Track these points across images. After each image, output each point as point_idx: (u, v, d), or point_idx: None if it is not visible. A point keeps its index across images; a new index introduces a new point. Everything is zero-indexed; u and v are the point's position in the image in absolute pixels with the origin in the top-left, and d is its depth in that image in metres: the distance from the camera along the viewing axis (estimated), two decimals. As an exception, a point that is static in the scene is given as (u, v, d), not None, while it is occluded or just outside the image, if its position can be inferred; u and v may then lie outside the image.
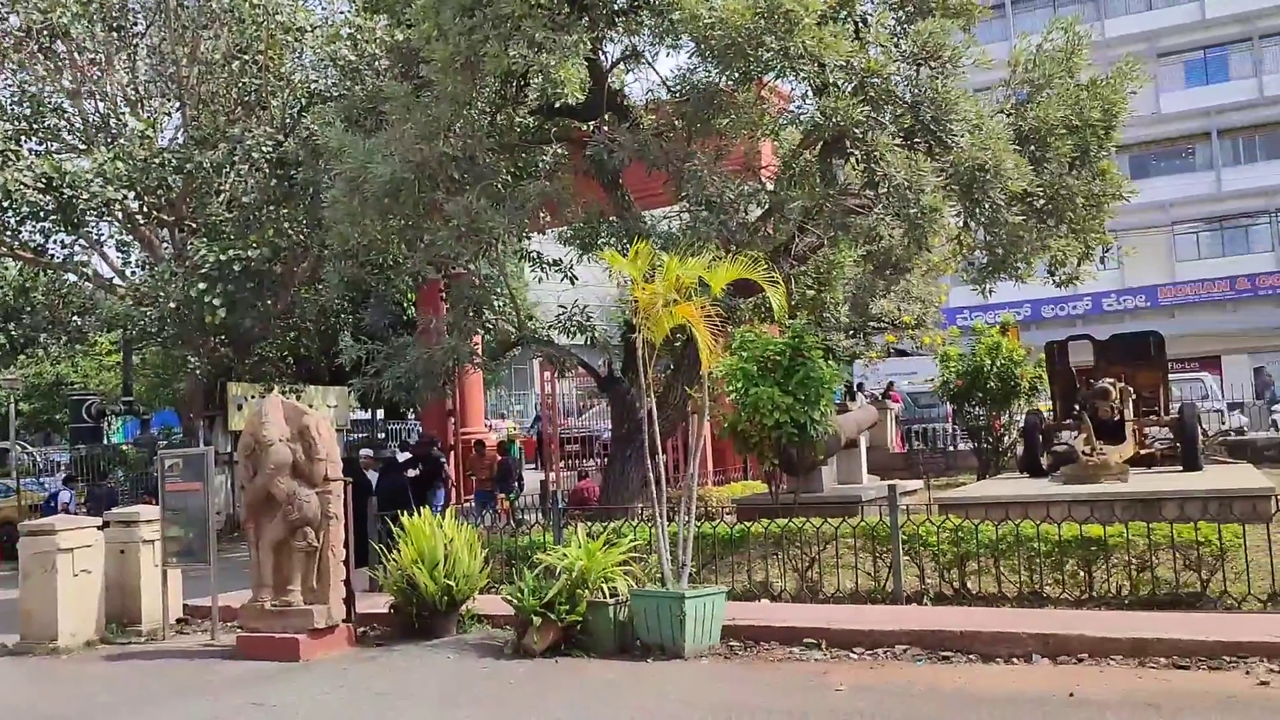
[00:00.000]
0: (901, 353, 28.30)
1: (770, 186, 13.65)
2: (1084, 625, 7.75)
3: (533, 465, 25.66)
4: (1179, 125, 45.26)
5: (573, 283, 14.83)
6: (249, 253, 16.39)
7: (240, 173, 17.30)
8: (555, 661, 8.23)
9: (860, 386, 25.15)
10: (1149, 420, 14.84)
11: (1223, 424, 22.35)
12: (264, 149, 16.89)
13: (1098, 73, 14.36)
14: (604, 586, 8.51)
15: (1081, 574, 8.85)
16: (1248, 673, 6.74)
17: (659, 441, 9.24)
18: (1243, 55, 45.26)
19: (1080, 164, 13.79)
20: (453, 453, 20.15)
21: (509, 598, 8.74)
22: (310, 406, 13.56)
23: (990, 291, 16.35)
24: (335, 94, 16.60)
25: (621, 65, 14.33)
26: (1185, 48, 45.85)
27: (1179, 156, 46.35)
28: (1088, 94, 13.47)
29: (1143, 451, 14.25)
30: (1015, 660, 7.49)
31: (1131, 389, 14.79)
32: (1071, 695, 6.47)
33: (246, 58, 17.95)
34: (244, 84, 18.35)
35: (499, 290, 14.89)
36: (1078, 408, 14.49)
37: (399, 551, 9.48)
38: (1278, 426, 23.52)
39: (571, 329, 14.42)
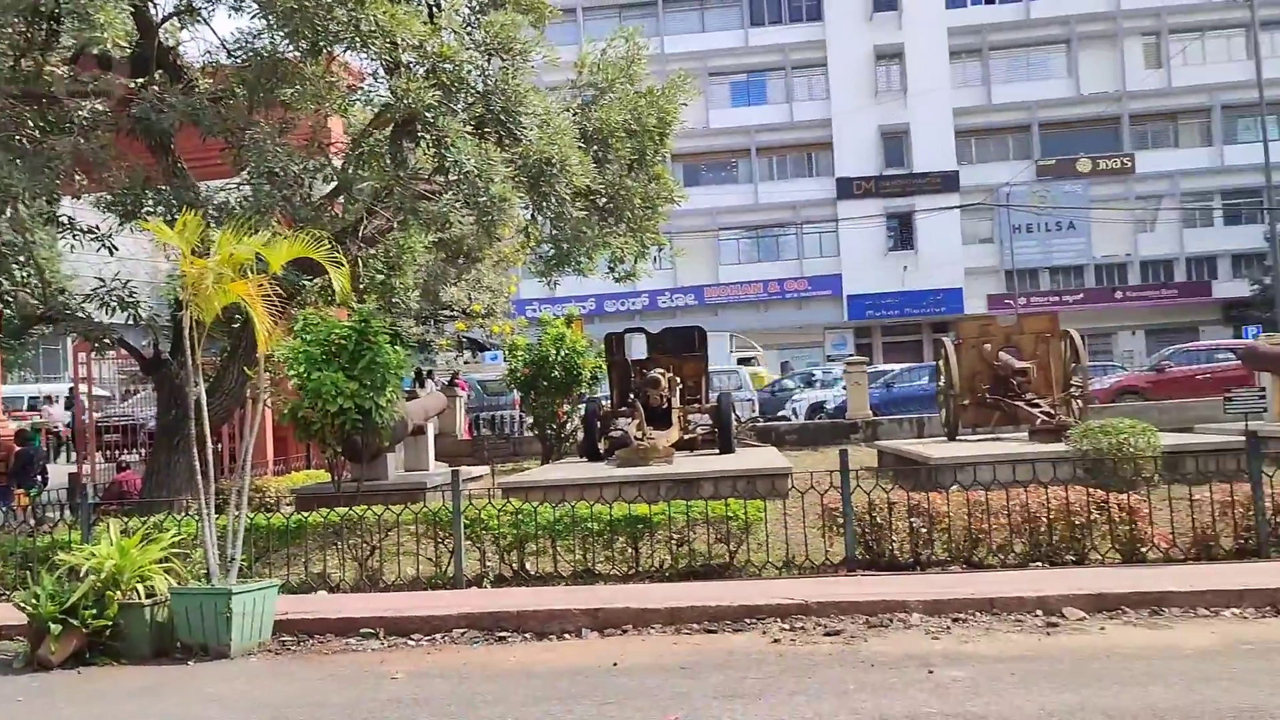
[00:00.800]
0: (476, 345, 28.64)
1: (339, 164, 13.21)
2: (629, 598, 8.27)
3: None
4: (725, 140, 49.99)
5: (112, 253, 13.36)
6: None
7: None
8: (78, 672, 7.38)
9: (430, 374, 25.15)
10: (693, 408, 16.18)
11: (753, 412, 24.92)
12: None
13: (656, 84, 15.40)
14: (139, 587, 7.77)
15: (630, 550, 9.44)
16: (764, 632, 7.53)
17: (211, 429, 8.63)
18: (778, 82, 50.89)
19: (638, 167, 14.71)
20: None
21: (22, 604, 7.72)
22: None
23: (556, 284, 16.99)
24: None
25: (175, 21, 13.18)
26: (732, 70, 50.74)
27: (725, 168, 51.24)
28: (646, 102, 14.38)
29: (687, 436, 15.49)
30: (568, 635, 7.82)
31: (679, 379, 16.05)
32: (615, 664, 6.85)
33: None
34: None
35: (21, 258, 13.11)
36: (633, 396, 15.47)
37: (-123, 559, 8.06)
38: (797, 415, 26.56)
39: (112, 305, 13.03)
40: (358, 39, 10.91)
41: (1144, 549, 9.01)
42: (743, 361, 36.27)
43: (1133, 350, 45.73)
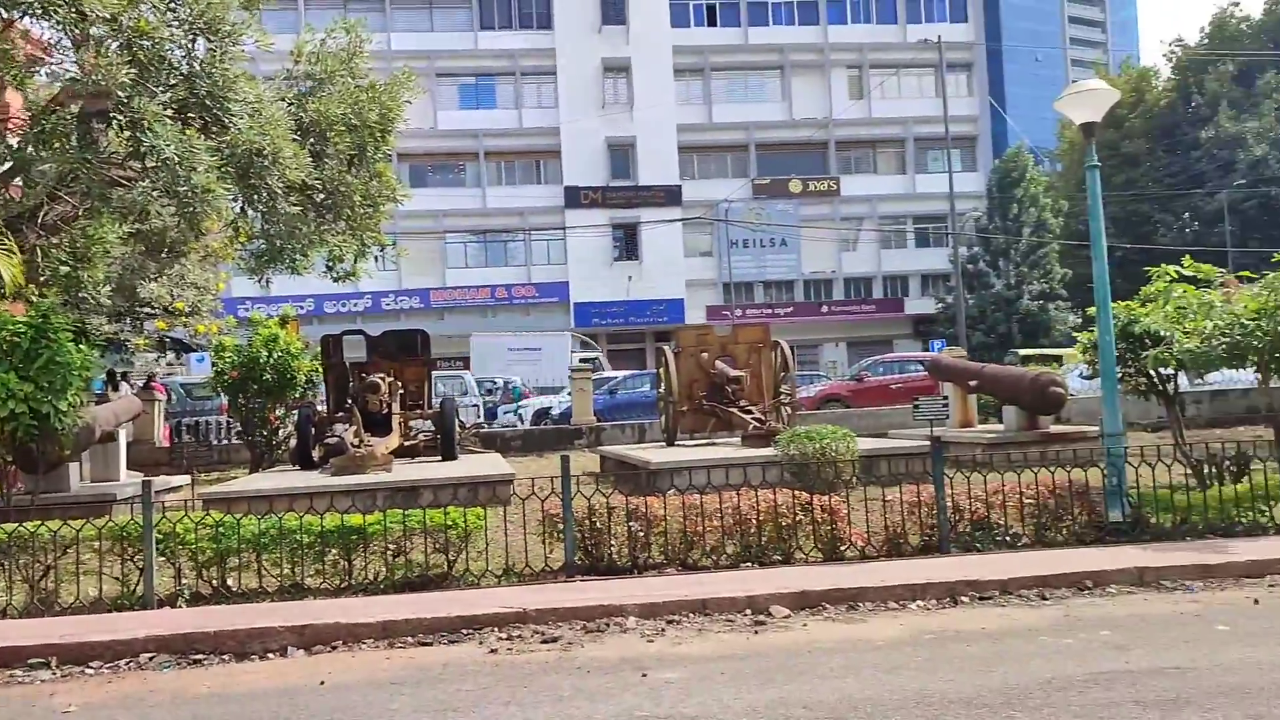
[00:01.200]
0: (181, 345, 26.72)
1: (15, 143, 11.89)
2: (340, 613, 7.87)
3: None
4: (453, 142, 49.44)
5: None
6: None
7: None
8: None
9: (124, 376, 23.21)
10: (415, 414, 15.77)
11: (478, 418, 24.68)
12: None
13: (380, 80, 14.89)
14: None
15: (343, 563, 9.02)
16: (481, 643, 7.37)
17: None
18: (508, 87, 50.90)
19: (359, 163, 14.16)
20: None
21: None
22: None
23: (269, 282, 16.11)
24: None
25: None
26: (460, 72, 50.28)
27: (452, 171, 50.62)
28: (367, 96, 13.88)
29: (408, 443, 15.10)
30: (271, 655, 7.34)
31: (400, 383, 15.59)
32: (323, 683, 6.48)
33: None
34: None
35: None
36: (350, 401, 14.88)
37: None
38: (523, 420, 26.55)
39: None
40: (38, 5, 9.86)
41: (843, 548, 9.56)
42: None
43: (836, 361, 49.07)
